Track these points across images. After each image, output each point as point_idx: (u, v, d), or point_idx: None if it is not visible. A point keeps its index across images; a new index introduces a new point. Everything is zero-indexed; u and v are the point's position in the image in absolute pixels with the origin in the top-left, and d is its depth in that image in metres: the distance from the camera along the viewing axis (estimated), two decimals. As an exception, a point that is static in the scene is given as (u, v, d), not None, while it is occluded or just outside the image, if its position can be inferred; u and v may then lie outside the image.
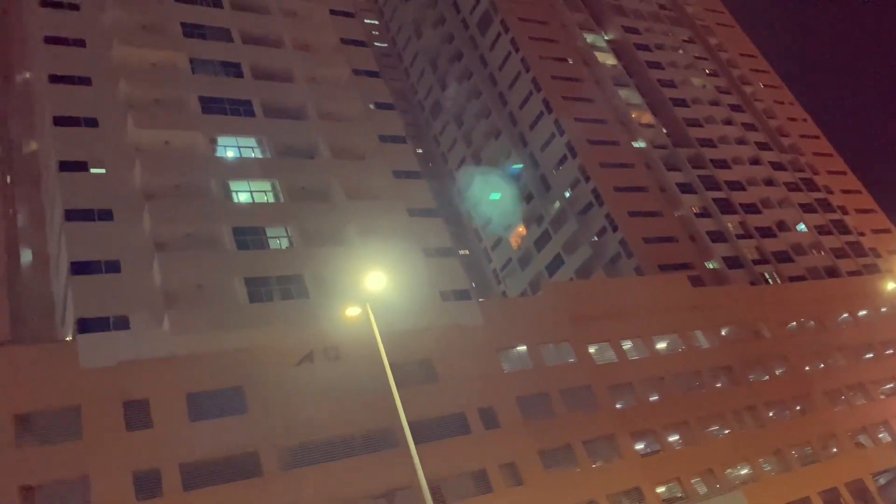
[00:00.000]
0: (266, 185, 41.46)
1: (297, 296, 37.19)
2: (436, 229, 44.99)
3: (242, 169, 41.30)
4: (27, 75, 47.91)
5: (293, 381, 34.58)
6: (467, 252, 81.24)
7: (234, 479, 31.11)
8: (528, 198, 73.18)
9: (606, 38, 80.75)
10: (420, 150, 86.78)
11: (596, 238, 65.48)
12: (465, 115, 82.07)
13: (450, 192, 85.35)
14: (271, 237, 39.45)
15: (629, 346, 47.64)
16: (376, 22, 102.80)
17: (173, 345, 33.17)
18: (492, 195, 50.29)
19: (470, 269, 76.55)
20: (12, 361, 31.07)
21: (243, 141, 42.65)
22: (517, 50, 74.21)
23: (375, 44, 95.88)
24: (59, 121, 38.25)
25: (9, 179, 49.54)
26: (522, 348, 42.90)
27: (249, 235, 38.54)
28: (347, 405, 34.56)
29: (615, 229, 63.57)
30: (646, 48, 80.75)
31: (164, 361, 32.67)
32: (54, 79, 39.76)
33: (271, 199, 41.20)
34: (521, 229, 74.58)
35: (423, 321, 39.14)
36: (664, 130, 74.14)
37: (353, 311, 26.49)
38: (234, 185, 40.44)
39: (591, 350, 45.37)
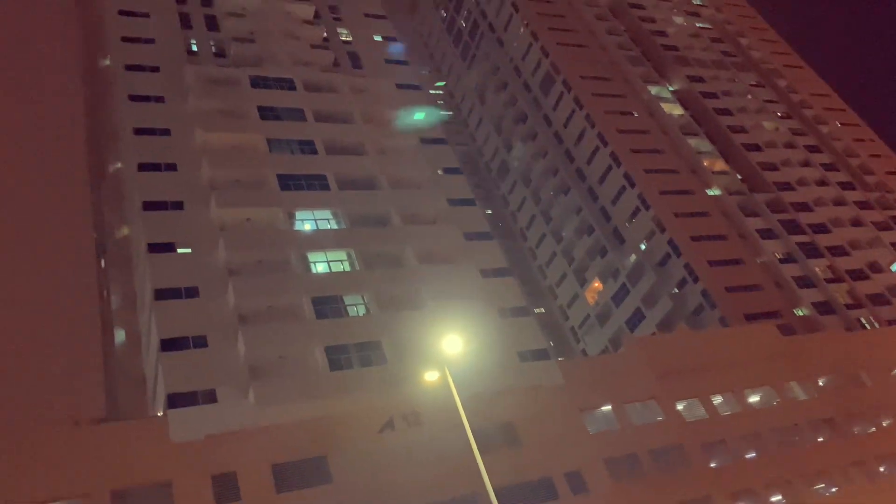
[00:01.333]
0: (342, 255, 42.46)
1: (375, 362, 37.45)
2: (509, 289, 44.81)
3: (319, 240, 42.51)
4: (119, 165, 51.20)
5: (376, 448, 34.48)
6: (543, 310, 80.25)
7: (321, 552, 30.89)
8: (602, 252, 72.24)
9: (671, 88, 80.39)
10: (489, 212, 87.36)
11: (676, 290, 63.71)
12: (533, 174, 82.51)
13: (521, 250, 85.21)
14: (349, 305, 40.12)
15: (720, 401, 45.53)
16: (440, 92, 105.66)
17: (258, 416, 33.74)
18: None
19: (547, 328, 75.46)
20: (108, 438, 32.21)
21: (319, 213, 44.04)
22: (581, 107, 74.64)
23: (441, 112, 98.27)
24: (148, 205, 40.52)
25: (103, 263, 52.48)
26: (607, 408, 41.61)
27: (328, 304, 39.34)
28: (431, 471, 34.07)
29: (696, 280, 61.77)
30: (713, 96, 79.85)
31: (249, 433, 33.21)
32: (143, 167, 42.35)
33: (347, 268, 42.07)
34: (598, 284, 73.37)
35: (502, 383, 38.62)
36: (738, 176, 72.44)
37: (431, 376, 26.42)
38: (311, 257, 41.60)
39: (680, 407, 43.58)
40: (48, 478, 29.81)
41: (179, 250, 39.29)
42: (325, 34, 57.34)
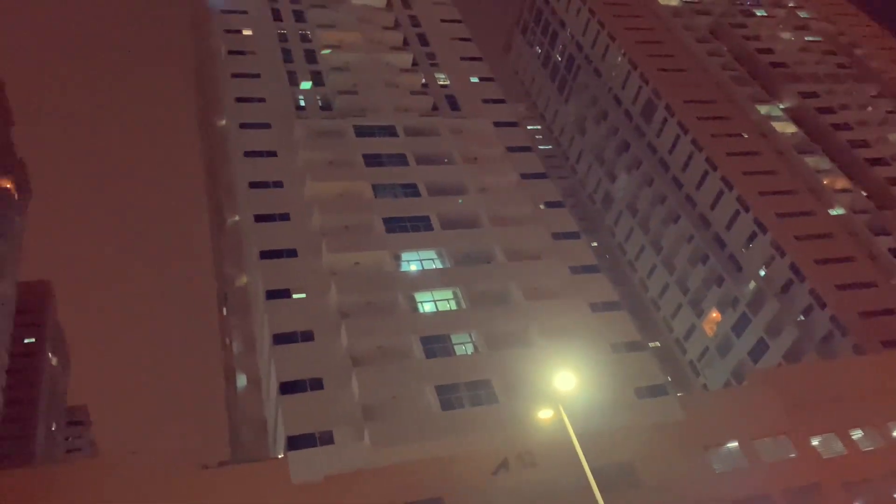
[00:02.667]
0: (448, 294, 42.79)
1: (486, 401, 37.17)
2: (621, 323, 43.56)
3: (425, 280, 43.08)
4: (236, 218, 54.20)
5: (491, 489, 33.97)
6: (658, 344, 77.36)
7: None
8: (718, 280, 69.14)
9: (782, 106, 76.83)
10: (595, 244, 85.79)
11: (802, 317, 59.86)
12: (639, 203, 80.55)
13: (631, 283, 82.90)
14: (456, 344, 40.24)
15: (860, 435, 41.93)
16: (539, 127, 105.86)
17: (374, 457, 34.10)
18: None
19: (663, 362, 72.58)
20: (233, 481, 33.47)
21: (424, 254, 44.72)
22: (686, 132, 72.56)
23: (540, 147, 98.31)
24: (265, 254, 42.52)
25: (224, 311, 55.31)
26: (733, 445, 39.27)
27: (436, 344, 39.60)
28: (548, 514, 33.13)
29: (823, 306, 57.87)
30: (829, 111, 75.61)
31: (366, 474, 33.57)
32: (259, 218, 44.60)
33: (454, 307, 42.29)
34: (716, 315, 70.08)
35: (618, 421, 37.31)
36: (864, 193, 67.79)
37: (545, 414, 25.86)
38: (418, 297, 42.17)
39: (815, 442, 40.50)
40: (180, 519, 31.20)
41: (295, 296, 40.84)
42: (423, 80, 58.94)
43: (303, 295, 40.97)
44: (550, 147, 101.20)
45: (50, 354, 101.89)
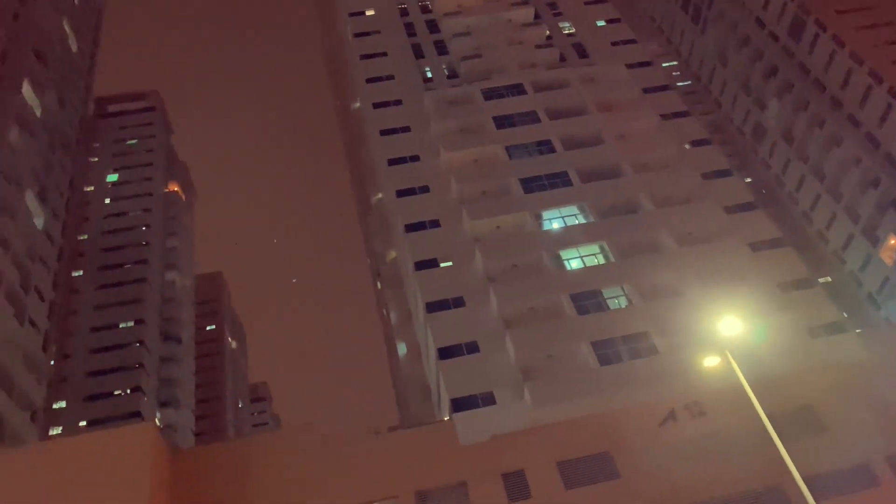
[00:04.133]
0: (594, 248, 41.94)
1: (646, 353, 36.28)
2: (786, 260, 40.81)
3: (569, 237, 42.43)
4: (380, 195, 56.07)
5: (660, 442, 33.28)
6: (829, 279, 71.71)
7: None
8: (894, 204, 62.76)
9: (958, -1, 67.67)
10: (749, 180, 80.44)
11: None
12: (795, 130, 74.38)
13: (793, 216, 77.14)
14: (608, 298, 39.43)
15: None
16: (675, 63, 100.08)
17: (537, 415, 34.40)
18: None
19: (837, 298, 67.35)
20: (405, 444, 35.09)
21: (565, 210, 44.00)
22: (843, 45, 65.84)
23: (679, 84, 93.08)
24: (410, 227, 43.69)
25: (379, 285, 57.67)
26: (928, 380, 35.78)
27: (588, 300, 39.01)
28: (723, 463, 31.96)
29: None
30: None
31: (531, 432, 33.97)
32: (400, 193, 45.81)
33: (602, 261, 41.43)
34: (895, 241, 63.81)
35: (792, 363, 35.14)
36: None
37: (711, 362, 24.84)
38: (564, 254, 41.64)
39: None
40: (360, 482, 33.18)
41: (442, 265, 41.71)
42: (547, 32, 57.49)
43: (449, 263, 41.75)
44: (690, 83, 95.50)
45: (229, 339, 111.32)
